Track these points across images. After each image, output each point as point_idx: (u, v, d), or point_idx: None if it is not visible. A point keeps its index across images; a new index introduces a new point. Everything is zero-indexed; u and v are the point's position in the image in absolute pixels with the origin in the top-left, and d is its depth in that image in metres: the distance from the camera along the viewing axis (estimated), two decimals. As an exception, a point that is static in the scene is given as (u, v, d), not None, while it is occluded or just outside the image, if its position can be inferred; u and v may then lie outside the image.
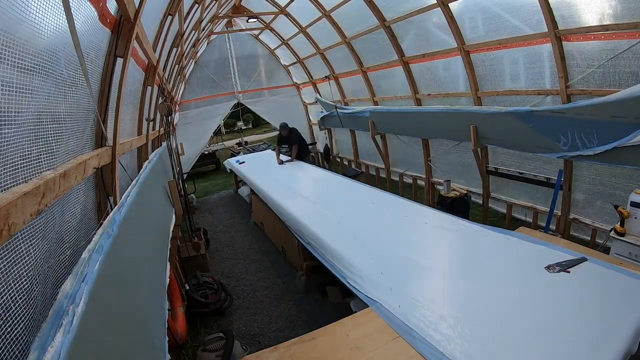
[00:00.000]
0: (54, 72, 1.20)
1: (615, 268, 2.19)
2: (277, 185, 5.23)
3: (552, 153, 3.66)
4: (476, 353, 1.69)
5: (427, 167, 5.84)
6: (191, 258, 4.37)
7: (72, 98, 1.42)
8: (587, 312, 1.84)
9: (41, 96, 1.13)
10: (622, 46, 3.00)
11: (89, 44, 1.57)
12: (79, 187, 1.55)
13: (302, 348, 1.95)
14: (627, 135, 2.94)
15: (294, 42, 8.27)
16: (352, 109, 7.05)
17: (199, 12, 4.61)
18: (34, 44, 1.05)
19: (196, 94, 8.71)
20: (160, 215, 3.08)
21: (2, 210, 0.75)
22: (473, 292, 2.18)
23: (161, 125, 4.70)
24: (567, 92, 3.49)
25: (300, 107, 9.95)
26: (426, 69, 5.29)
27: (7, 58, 0.90)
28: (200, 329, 3.45)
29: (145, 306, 1.63)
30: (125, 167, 2.48)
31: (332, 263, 2.93)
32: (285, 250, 4.61)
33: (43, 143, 1.15)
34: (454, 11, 4.25)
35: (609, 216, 3.52)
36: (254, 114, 13.33)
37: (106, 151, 1.80)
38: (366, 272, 2.58)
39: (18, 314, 0.92)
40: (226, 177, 9.89)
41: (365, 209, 3.85)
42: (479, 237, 2.86)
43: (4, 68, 0.89)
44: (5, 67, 0.90)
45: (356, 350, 1.88)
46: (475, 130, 4.37)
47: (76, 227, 1.52)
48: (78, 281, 1.02)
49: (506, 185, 4.73)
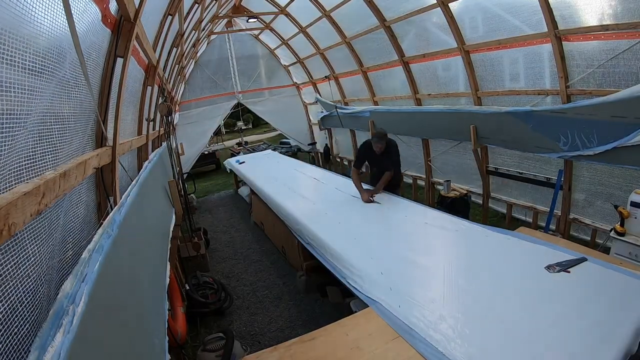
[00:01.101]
0: (58, 72, 1.21)
1: (615, 268, 2.19)
2: (277, 185, 5.23)
3: (552, 153, 3.66)
4: (476, 353, 1.69)
5: (427, 167, 5.84)
6: (191, 258, 4.37)
7: (74, 98, 1.42)
8: (587, 312, 1.84)
9: (45, 97, 1.14)
10: (622, 46, 3.00)
11: (91, 44, 1.57)
12: (79, 187, 1.55)
13: (302, 348, 1.95)
14: (627, 135, 2.94)
15: (294, 42, 8.27)
16: (352, 109, 7.05)
17: (199, 12, 4.61)
18: (41, 45, 1.06)
19: (196, 94, 8.70)
20: (161, 215, 3.08)
21: (2, 210, 0.75)
22: (473, 292, 2.18)
23: (161, 125, 4.70)
24: (567, 92, 3.49)
25: (300, 107, 9.94)
26: (426, 69, 5.29)
27: (17, 60, 0.90)
28: (200, 329, 3.45)
29: (145, 306, 1.63)
30: (125, 167, 2.48)
31: (332, 263, 2.93)
32: (285, 250, 4.61)
33: (47, 144, 1.16)
34: (454, 11, 4.25)
35: (609, 216, 3.52)
36: (254, 114, 13.33)
37: (106, 151, 1.80)
38: (366, 272, 2.57)
39: (24, 314, 0.92)
40: (226, 177, 9.89)
41: (366, 209, 3.85)
42: (479, 237, 2.86)
43: (13, 70, 0.89)
44: (16, 69, 0.90)
45: (356, 350, 1.88)
46: (475, 130, 4.37)
47: (77, 228, 1.52)
48: (78, 281, 1.02)
49: (506, 185, 4.73)
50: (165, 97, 4.32)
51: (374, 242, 3.02)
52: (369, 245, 2.97)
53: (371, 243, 3.00)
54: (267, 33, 8.78)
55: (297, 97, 9.93)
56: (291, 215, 3.93)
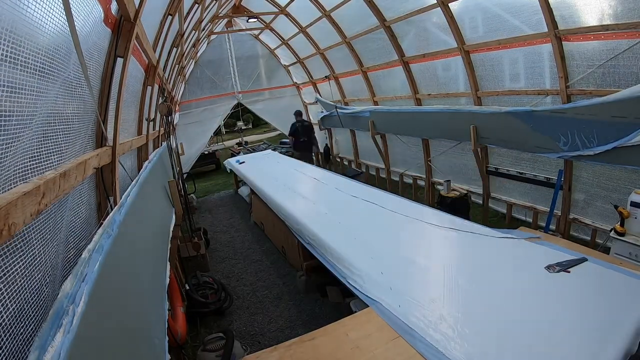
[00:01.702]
0: (63, 73, 1.21)
1: (615, 268, 2.19)
2: (277, 185, 5.23)
3: (552, 153, 3.66)
4: (476, 353, 1.69)
5: (427, 167, 5.84)
6: (191, 258, 4.36)
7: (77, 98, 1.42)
8: (587, 312, 1.84)
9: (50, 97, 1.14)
10: (622, 46, 2.99)
11: (93, 44, 1.57)
12: (80, 187, 1.55)
13: (302, 348, 1.95)
14: (627, 135, 2.94)
15: (294, 42, 8.27)
16: (352, 109, 7.05)
17: (199, 12, 4.61)
18: (49, 46, 1.06)
19: (196, 94, 8.70)
20: (161, 215, 3.08)
21: (2, 210, 0.75)
22: (473, 291, 2.18)
23: (161, 125, 4.70)
24: (567, 92, 3.49)
25: (300, 107, 9.94)
26: (426, 69, 5.29)
27: (25, 61, 0.91)
28: (200, 329, 3.45)
29: (145, 306, 1.63)
30: (125, 167, 2.48)
31: (333, 263, 2.93)
32: (285, 250, 4.61)
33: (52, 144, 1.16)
34: (454, 11, 4.25)
35: (609, 216, 3.52)
36: (254, 114, 13.33)
37: (106, 151, 1.80)
38: (366, 272, 2.58)
39: (30, 314, 0.93)
40: (226, 177, 9.89)
41: (366, 209, 3.85)
42: (479, 237, 2.86)
43: (20, 71, 0.90)
44: (23, 70, 0.91)
45: (356, 350, 1.88)
46: (475, 130, 4.37)
47: (78, 228, 1.52)
48: (78, 281, 1.02)
49: (506, 185, 4.73)
50: (165, 97, 4.32)
51: (374, 241, 3.03)
52: (369, 245, 2.97)
53: (371, 243, 3.00)
54: (267, 33, 8.78)
55: (297, 97, 9.93)
56: (291, 215, 3.94)
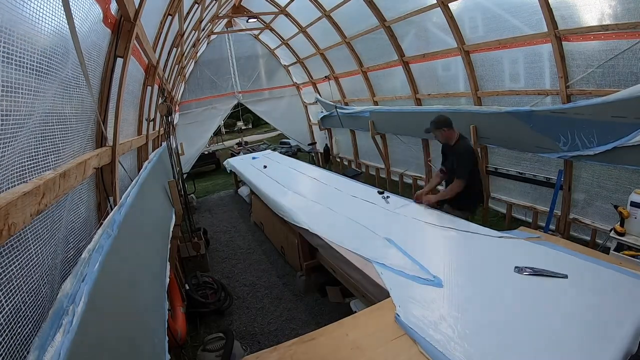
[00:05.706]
0: (61, 72, 1.21)
1: (615, 268, 2.19)
2: (277, 185, 5.23)
3: (552, 153, 3.66)
4: (476, 353, 1.69)
5: (427, 167, 5.84)
6: (191, 258, 4.37)
7: (76, 98, 1.42)
8: (587, 312, 1.84)
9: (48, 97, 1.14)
10: (622, 46, 3.00)
11: (92, 44, 1.57)
12: (80, 187, 1.55)
13: (302, 348, 1.94)
14: (627, 135, 2.94)
15: (294, 42, 8.27)
16: (352, 109, 7.05)
17: (199, 12, 4.61)
18: (47, 46, 1.06)
19: (196, 94, 8.71)
20: (160, 215, 3.08)
21: (2, 210, 0.75)
22: (473, 292, 2.18)
23: (161, 125, 4.70)
24: (567, 92, 3.49)
25: (300, 107, 9.95)
26: (426, 69, 5.29)
27: (24, 62, 0.91)
28: (200, 329, 3.45)
29: (145, 306, 1.63)
30: (125, 167, 2.48)
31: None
32: (284, 250, 4.61)
33: (50, 144, 1.16)
34: (454, 11, 4.25)
35: (609, 216, 3.52)
36: (253, 114, 13.33)
37: (106, 151, 1.80)
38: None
39: (27, 314, 0.93)
40: (226, 177, 9.89)
41: (366, 209, 3.85)
42: (479, 237, 2.86)
43: (19, 70, 0.90)
44: (23, 69, 0.91)
45: (356, 350, 1.88)
46: (475, 130, 4.37)
47: (78, 228, 1.52)
48: (78, 281, 1.02)
49: (506, 185, 4.73)
50: (165, 97, 4.32)
51: (374, 242, 3.02)
52: (369, 245, 2.97)
53: (371, 243, 3.00)
54: (267, 33, 8.78)
55: (297, 97, 9.93)
56: (290, 215, 3.94)
